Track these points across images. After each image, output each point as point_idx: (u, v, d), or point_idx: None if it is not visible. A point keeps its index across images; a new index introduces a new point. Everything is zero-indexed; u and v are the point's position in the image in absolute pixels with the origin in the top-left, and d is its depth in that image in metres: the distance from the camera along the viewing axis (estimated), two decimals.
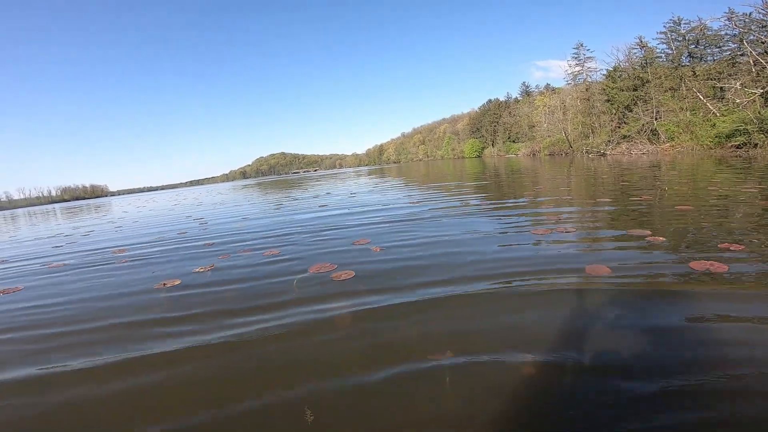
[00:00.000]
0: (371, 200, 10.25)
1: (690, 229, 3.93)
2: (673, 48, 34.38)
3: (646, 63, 33.79)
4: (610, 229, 4.24)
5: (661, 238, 3.61)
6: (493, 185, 11.78)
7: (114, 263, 5.24)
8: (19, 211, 47.56)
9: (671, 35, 34.78)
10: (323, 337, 2.38)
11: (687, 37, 33.56)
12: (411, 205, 8.25)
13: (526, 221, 5.17)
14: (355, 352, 2.16)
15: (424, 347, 2.10)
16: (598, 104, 38.21)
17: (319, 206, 10.08)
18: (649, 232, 3.84)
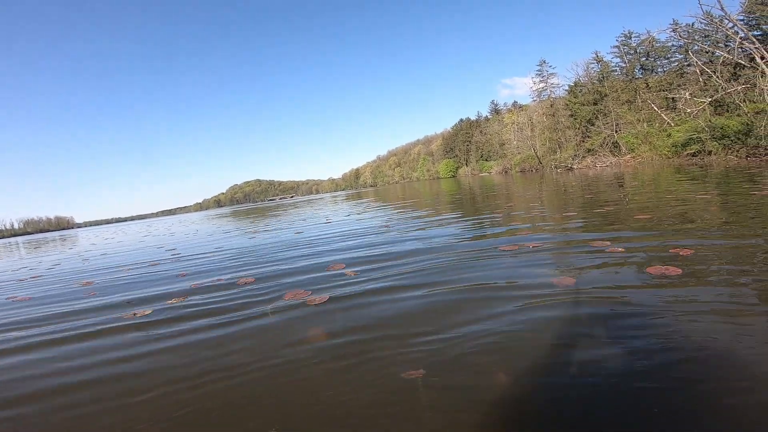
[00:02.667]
0: (347, 225, 10.29)
1: (647, 237, 4.16)
2: (626, 61, 36.36)
3: (603, 77, 35.35)
4: (575, 242, 4.43)
5: (620, 249, 3.80)
6: (466, 204, 12.06)
7: (81, 296, 5.04)
8: None
9: (624, 48, 36.83)
10: (297, 356, 2.41)
11: (638, 50, 35.56)
12: (386, 228, 8.34)
13: (498, 235, 5.35)
14: (328, 372, 2.19)
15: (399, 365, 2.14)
16: (563, 119, 39.73)
17: (295, 233, 10.03)
18: (608, 243, 4.04)
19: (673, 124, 26.52)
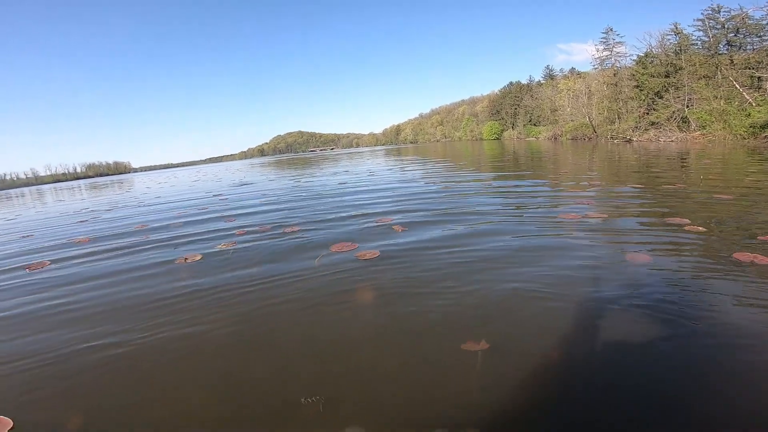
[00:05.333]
0: (390, 179, 10.14)
1: (730, 220, 3.72)
2: (710, 36, 32.92)
3: (680, 50, 32.48)
4: (645, 217, 4.06)
5: (700, 228, 3.42)
6: (516, 167, 11.50)
7: (136, 238, 5.31)
8: (45, 187, 49.04)
9: (709, 23, 33.27)
10: (343, 314, 2.37)
11: (726, 26, 32.04)
12: (432, 184, 8.11)
13: (553, 205, 5.02)
14: (374, 332, 2.13)
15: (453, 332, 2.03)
16: (626, 90, 36.87)
17: (339, 183, 10.04)
18: (687, 221, 3.65)
19: (754, 104, 23.80)
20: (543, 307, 2.21)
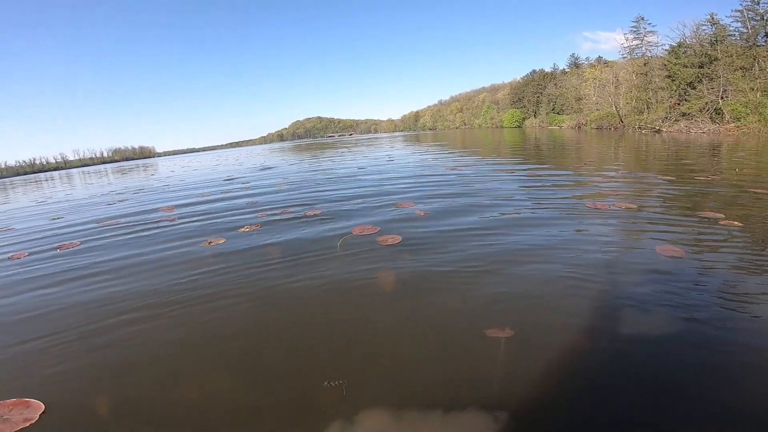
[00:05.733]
0: (410, 164, 10.08)
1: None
2: (749, 27, 31.52)
3: (716, 40, 31.21)
4: (677, 209, 3.92)
5: (736, 222, 3.29)
6: (539, 155, 11.28)
7: (162, 220, 5.44)
8: (74, 171, 50.59)
9: (748, 14, 31.87)
10: (364, 299, 2.38)
11: (766, 17, 30.58)
12: (453, 171, 8.02)
13: (580, 193, 4.91)
14: (396, 317, 2.13)
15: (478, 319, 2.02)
16: (657, 80, 35.62)
17: (358, 168, 10.05)
18: (722, 215, 3.50)
19: None
20: (569, 295, 2.18)
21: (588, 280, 2.33)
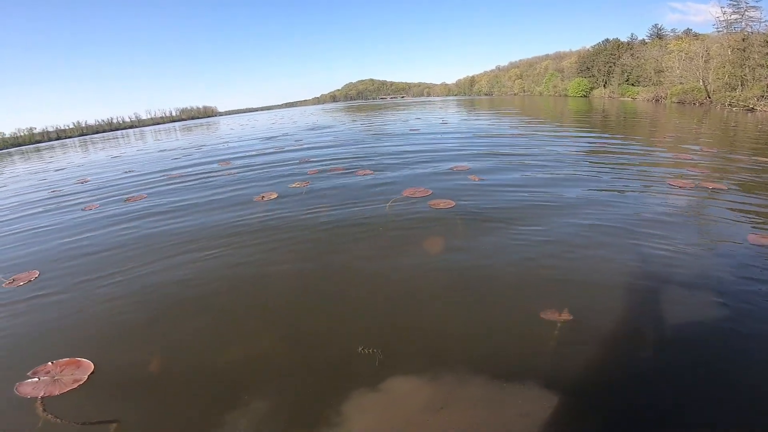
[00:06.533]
0: (465, 128, 9.58)
1: None
2: None
3: None
4: None
5: None
6: (609, 125, 10.28)
7: (221, 175, 5.63)
8: (146, 129, 54.47)
9: None
10: (411, 266, 2.26)
11: None
12: (512, 136, 7.50)
13: (660, 169, 4.33)
14: (443, 287, 2.01)
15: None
16: (756, 56, 31.00)
17: (411, 130, 9.73)
18: None
19: None
20: (639, 283, 1.93)
21: (666, 267, 2.05)
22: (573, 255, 2.24)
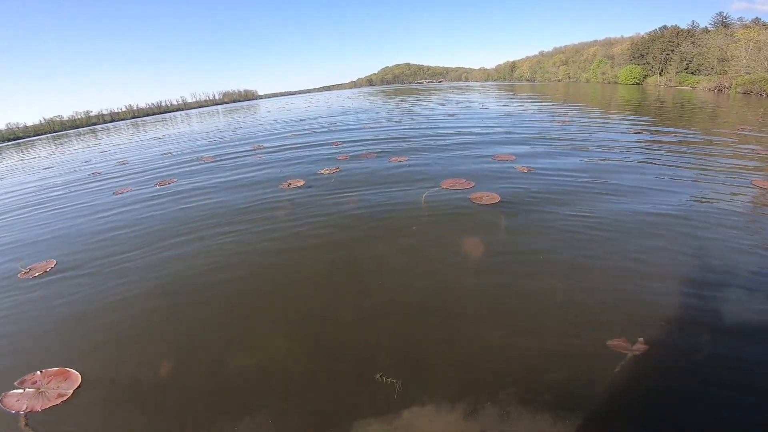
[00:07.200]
0: (508, 114, 8.98)
1: None
2: None
3: None
4: None
5: None
6: (670, 116, 9.36)
7: (251, 159, 5.52)
8: (192, 111, 56.84)
9: None
10: (446, 267, 1.99)
11: None
12: (560, 124, 6.89)
13: (742, 167, 3.71)
14: (481, 295, 1.73)
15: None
16: None
17: (449, 115, 9.24)
18: None
19: None
20: (717, 308, 1.57)
21: (750, 292, 1.65)
22: (647, 270, 1.85)
